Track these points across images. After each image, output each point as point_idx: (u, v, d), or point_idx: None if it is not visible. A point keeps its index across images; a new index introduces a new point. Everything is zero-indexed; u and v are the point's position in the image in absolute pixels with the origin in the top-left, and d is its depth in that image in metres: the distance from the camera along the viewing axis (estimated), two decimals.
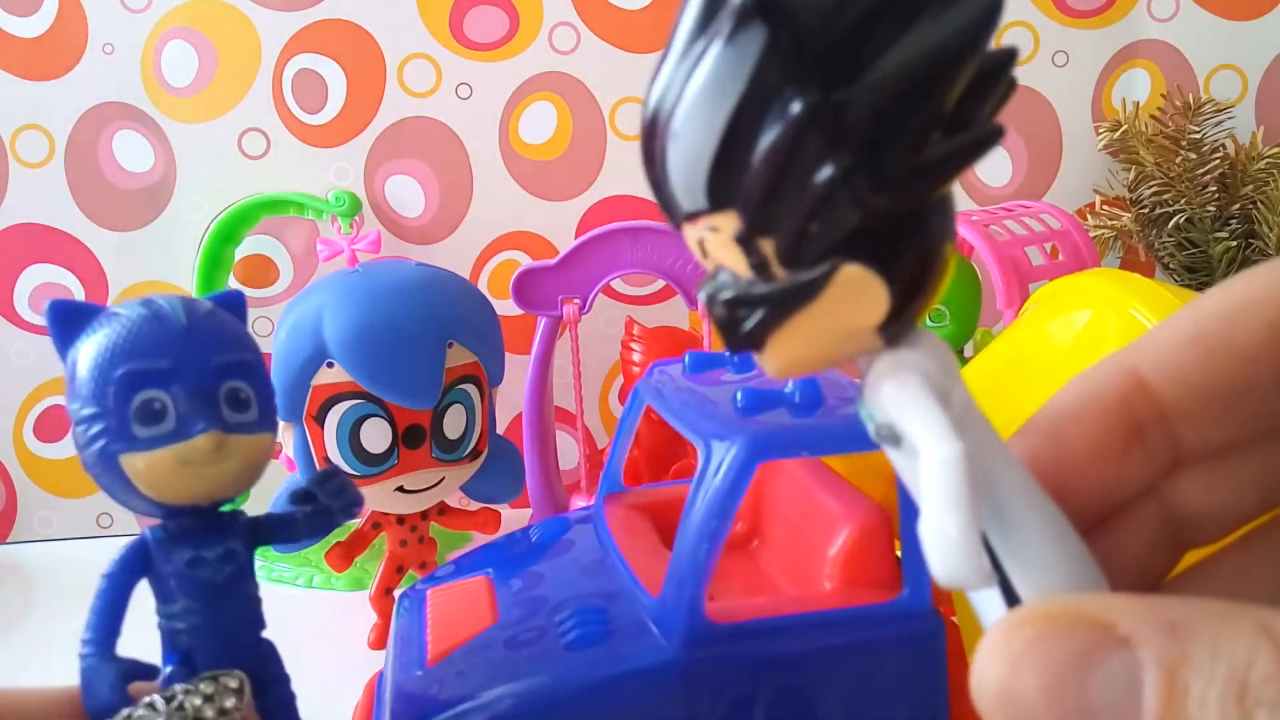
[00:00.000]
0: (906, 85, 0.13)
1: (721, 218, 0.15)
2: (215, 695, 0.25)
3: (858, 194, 0.14)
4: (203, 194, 0.66)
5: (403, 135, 0.67)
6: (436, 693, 0.31)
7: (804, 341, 0.15)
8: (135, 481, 0.26)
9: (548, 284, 0.60)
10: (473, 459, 0.51)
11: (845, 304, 0.15)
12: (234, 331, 0.29)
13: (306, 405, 0.47)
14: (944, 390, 0.15)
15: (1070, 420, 0.17)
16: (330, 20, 0.65)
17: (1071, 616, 0.14)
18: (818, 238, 0.14)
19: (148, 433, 0.26)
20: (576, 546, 0.39)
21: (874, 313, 0.15)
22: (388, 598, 0.51)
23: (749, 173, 0.14)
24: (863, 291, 0.14)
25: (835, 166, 0.13)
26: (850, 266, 0.14)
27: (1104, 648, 0.13)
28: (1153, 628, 0.13)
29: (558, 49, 0.67)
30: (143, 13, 0.65)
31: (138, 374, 0.26)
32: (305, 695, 0.31)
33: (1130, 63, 0.68)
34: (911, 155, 0.14)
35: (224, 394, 0.27)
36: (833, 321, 0.15)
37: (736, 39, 0.13)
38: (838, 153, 0.13)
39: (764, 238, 0.14)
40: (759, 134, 0.14)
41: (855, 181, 0.14)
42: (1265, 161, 0.61)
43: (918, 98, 0.13)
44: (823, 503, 0.36)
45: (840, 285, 0.14)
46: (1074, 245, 0.58)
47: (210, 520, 0.28)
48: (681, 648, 0.30)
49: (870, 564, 0.33)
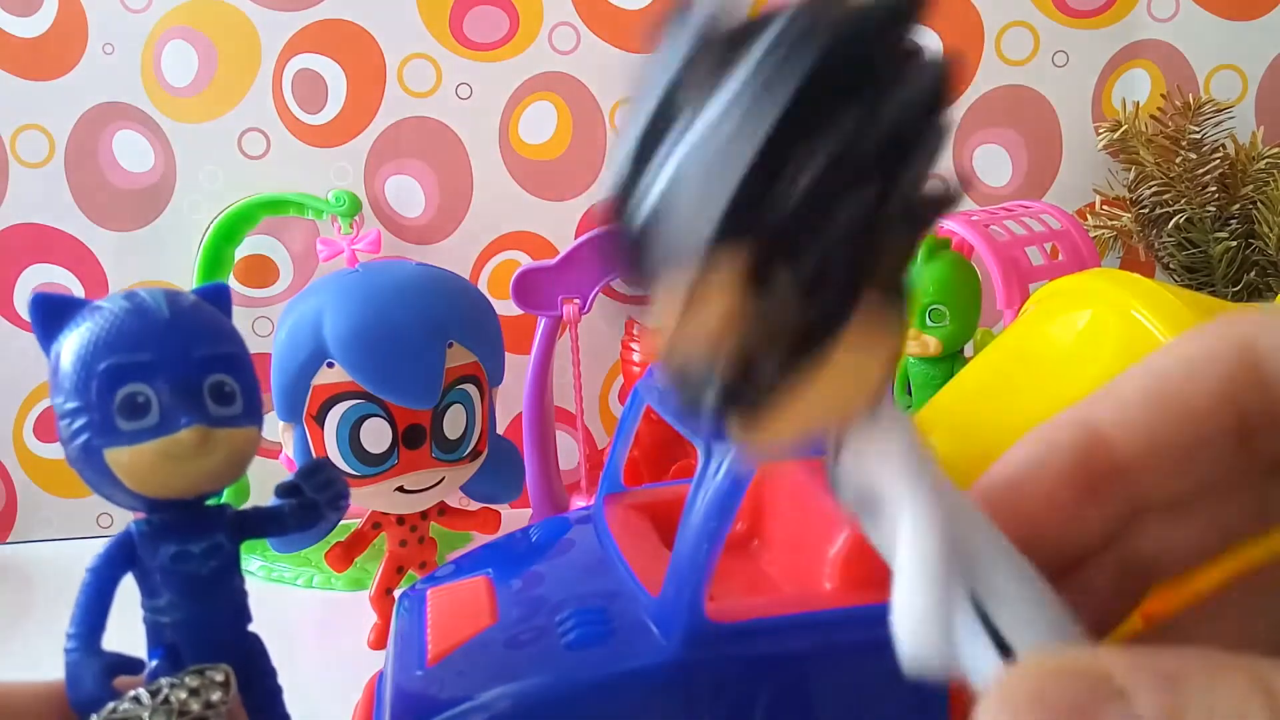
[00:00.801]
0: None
1: (726, 254, 0.13)
2: (201, 689, 0.24)
3: (890, 219, 0.13)
4: (203, 194, 0.66)
5: (403, 135, 0.67)
6: (436, 693, 0.31)
7: (824, 388, 0.14)
8: (119, 475, 0.26)
9: (548, 284, 0.60)
10: (473, 459, 0.51)
11: (867, 338, 0.14)
12: (217, 324, 0.29)
13: (306, 405, 0.47)
14: (921, 458, 0.15)
15: (1027, 474, 0.17)
16: (330, 20, 0.65)
17: (1067, 670, 0.14)
18: (846, 269, 0.14)
19: (131, 426, 0.26)
20: (576, 546, 0.39)
21: (886, 357, 0.14)
22: (388, 598, 0.51)
23: (783, 197, 0.13)
24: (884, 323, 0.14)
25: (872, 190, 0.13)
26: (873, 293, 0.14)
27: (1101, 700, 0.13)
28: (1148, 678, 0.13)
29: (558, 49, 0.67)
30: (143, 13, 0.65)
31: (121, 367, 0.26)
32: (305, 695, 0.31)
33: (1130, 63, 0.68)
34: (922, 186, 0.14)
35: (208, 387, 0.27)
36: (854, 360, 0.14)
37: (779, 57, 0.13)
38: (872, 178, 0.13)
39: (785, 266, 0.13)
40: (793, 160, 0.13)
41: (890, 206, 0.13)
42: (1265, 161, 0.61)
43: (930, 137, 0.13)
44: (823, 503, 0.36)
45: (864, 316, 0.14)
46: (1074, 245, 0.58)
47: (195, 514, 0.28)
48: (681, 648, 0.30)
49: (870, 564, 0.33)
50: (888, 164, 0.13)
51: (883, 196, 0.13)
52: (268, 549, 0.59)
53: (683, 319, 0.14)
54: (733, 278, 0.14)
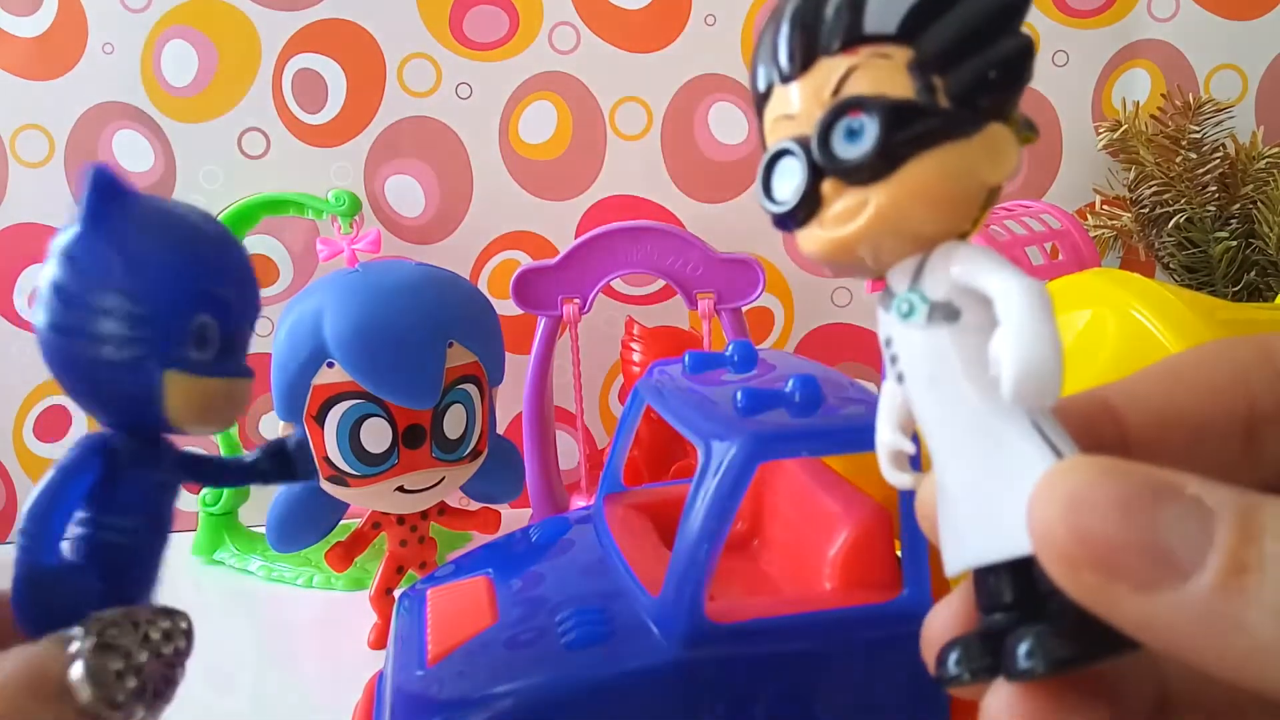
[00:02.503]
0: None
1: (896, 48, 0.16)
2: (173, 634, 0.23)
3: (1029, 62, 0.16)
4: (203, 194, 0.66)
5: (403, 135, 0.67)
6: (436, 693, 0.31)
7: (940, 173, 0.16)
8: (168, 400, 0.25)
9: (548, 284, 0.60)
10: (473, 459, 0.51)
11: (988, 152, 0.16)
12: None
13: (306, 405, 0.47)
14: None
15: None
16: (330, 20, 0.65)
17: (1133, 467, 0.14)
18: (995, 86, 0.16)
19: (199, 356, 0.25)
20: (576, 546, 0.39)
21: (1005, 169, 0.16)
22: (388, 598, 0.51)
23: (954, 14, 0.16)
24: (1004, 147, 0.16)
25: (1025, 37, 0.16)
26: (999, 125, 0.16)
27: (1172, 492, 0.13)
28: (1222, 489, 0.13)
29: (558, 49, 0.67)
30: (143, 13, 0.65)
31: (212, 296, 0.25)
32: (305, 695, 0.31)
33: (1130, 63, 0.68)
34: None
35: (248, 338, 0.27)
36: (971, 164, 0.16)
37: None
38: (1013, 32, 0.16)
39: (941, 75, 0.16)
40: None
41: (1032, 51, 0.16)
42: (1265, 161, 0.61)
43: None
44: (823, 503, 0.36)
45: (990, 135, 0.16)
46: (1074, 245, 0.58)
47: (163, 446, 0.27)
48: (681, 648, 0.30)
49: (870, 564, 0.33)
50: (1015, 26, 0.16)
51: (1028, 47, 0.16)
52: (268, 549, 0.59)
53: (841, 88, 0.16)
54: (899, 64, 0.16)
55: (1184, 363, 0.17)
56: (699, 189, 0.68)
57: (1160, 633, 0.13)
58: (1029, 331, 0.15)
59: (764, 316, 0.70)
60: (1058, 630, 0.15)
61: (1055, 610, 0.15)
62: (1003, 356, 0.15)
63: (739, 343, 0.38)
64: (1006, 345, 0.15)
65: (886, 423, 0.19)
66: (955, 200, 0.16)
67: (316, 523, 0.50)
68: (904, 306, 0.17)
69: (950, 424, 0.17)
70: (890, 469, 0.19)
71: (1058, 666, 0.14)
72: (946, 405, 0.16)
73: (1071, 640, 0.14)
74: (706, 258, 0.60)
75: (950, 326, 0.16)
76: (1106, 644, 0.14)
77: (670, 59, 0.67)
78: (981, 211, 0.17)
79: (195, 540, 0.63)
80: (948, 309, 0.16)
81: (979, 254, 0.16)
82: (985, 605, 0.16)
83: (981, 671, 0.16)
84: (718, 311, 0.60)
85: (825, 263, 0.17)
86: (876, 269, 0.17)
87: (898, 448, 0.19)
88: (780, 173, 0.17)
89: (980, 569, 0.16)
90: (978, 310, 0.16)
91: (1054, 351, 0.15)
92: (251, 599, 0.59)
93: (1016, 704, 0.15)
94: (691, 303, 0.60)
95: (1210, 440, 0.17)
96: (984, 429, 0.16)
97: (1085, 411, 0.17)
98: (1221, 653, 0.13)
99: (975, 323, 0.16)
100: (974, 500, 0.16)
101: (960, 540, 0.16)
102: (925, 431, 0.17)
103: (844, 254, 0.17)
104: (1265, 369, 0.16)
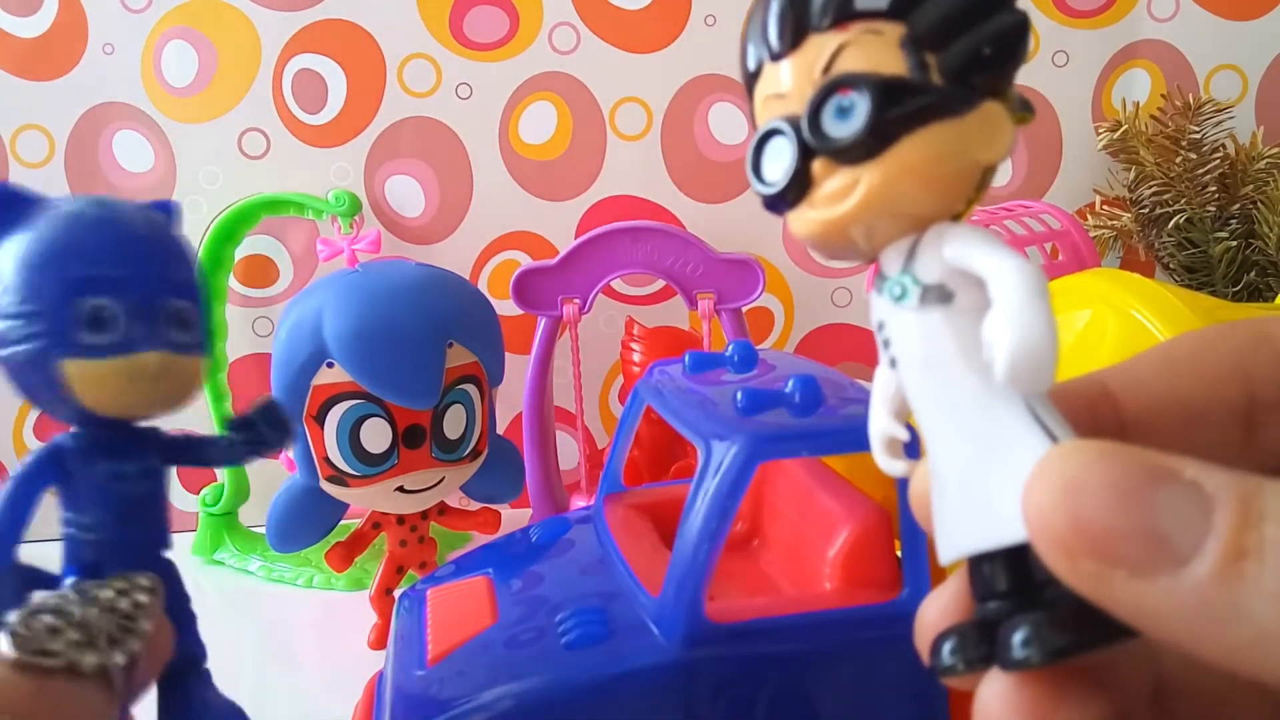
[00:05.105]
0: None
1: (889, 24, 0.16)
2: (129, 590, 0.23)
3: (1025, 39, 0.16)
4: (203, 194, 0.66)
5: (403, 135, 0.67)
6: (436, 693, 0.31)
7: (933, 152, 0.16)
8: (72, 387, 0.25)
9: (548, 284, 0.60)
10: (473, 459, 0.51)
11: (982, 131, 0.16)
12: (185, 248, 0.28)
13: (306, 405, 0.47)
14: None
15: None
16: (330, 20, 0.65)
17: (1129, 450, 0.13)
18: (989, 62, 0.16)
19: (93, 340, 0.25)
20: (576, 546, 0.39)
21: (999, 148, 0.16)
22: (388, 598, 0.51)
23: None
24: (999, 126, 0.16)
25: (1020, 13, 0.16)
26: (994, 103, 0.16)
27: (1169, 475, 0.13)
28: (1221, 472, 0.13)
29: (558, 49, 0.67)
30: (143, 13, 0.65)
31: (93, 280, 0.25)
32: (305, 695, 0.31)
33: (1130, 63, 0.68)
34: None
35: (173, 311, 0.26)
36: (964, 143, 0.16)
37: None
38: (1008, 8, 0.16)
39: (934, 52, 0.16)
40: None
41: (1027, 27, 0.16)
42: (1265, 161, 0.61)
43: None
44: (823, 503, 0.36)
45: (984, 113, 0.16)
46: (1074, 245, 0.58)
47: (129, 433, 0.27)
48: (681, 648, 0.30)
49: (870, 564, 0.33)
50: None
51: (1023, 23, 0.16)
52: (268, 549, 0.59)
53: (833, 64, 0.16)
54: (891, 41, 0.16)
55: (1181, 347, 0.17)
56: (699, 189, 0.68)
57: (1158, 620, 0.13)
58: (1023, 313, 0.15)
59: (764, 316, 0.70)
60: (1053, 618, 0.14)
61: (1051, 598, 0.15)
62: (996, 339, 0.15)
63: (739, 343, 0.38)
64: (1000, 327, 0.15)
65: (880, 409, 0.18)
66: (948, 180, 0.16)
67: (316, 523, 0.50)
68: (896, 289, 0.17)
69: (944, 409, 0.16)
70: (884, 456, 0.19)
71: (1053, 655, 0.14)
72: (940, 390, 0.16)
73: (1067, 629, 0.14)
74: (706, 258, 0.60)
75: (943, 309, 0.16)
76: (1103, 632, 0.14)
77: (670, 59, 0.67)
78: (976, 192, 0.16)
79: (195, 540, 0.63)
80: (941, 291, 0.16)
81: (972, 234, 0.16)
82: (980, 593, 0.16)
83: (976, 661, 0.15)
84: (718, 312, 0.60)
85: (817, 245, 0.17)
86: (869, 251, 0.17)
87: (891, 434, 0.18)
88: (770, 153, 0.17)
89: (975, 556, 0.16)
90: (971, 292, 0.16)
91: (1048, 334, 0.14)
92: (251, 599, 0.59)
93: (1011, 694, 0.15)
94: (691, 303, 0.60)
95: (1208, 425, 0.17)
96: (978, 413, 0.16)
97: (1082, 396, 0.17)
98: (1220, 640, 0.12)
99: (969, 305, 0.16)
100: (968, 486, 0.16)
101: (954, 527, 0.16)
102: (919, 417, 0.17)
103: (835, 235, 0.17)
104: (1263, 353, 0.16)
